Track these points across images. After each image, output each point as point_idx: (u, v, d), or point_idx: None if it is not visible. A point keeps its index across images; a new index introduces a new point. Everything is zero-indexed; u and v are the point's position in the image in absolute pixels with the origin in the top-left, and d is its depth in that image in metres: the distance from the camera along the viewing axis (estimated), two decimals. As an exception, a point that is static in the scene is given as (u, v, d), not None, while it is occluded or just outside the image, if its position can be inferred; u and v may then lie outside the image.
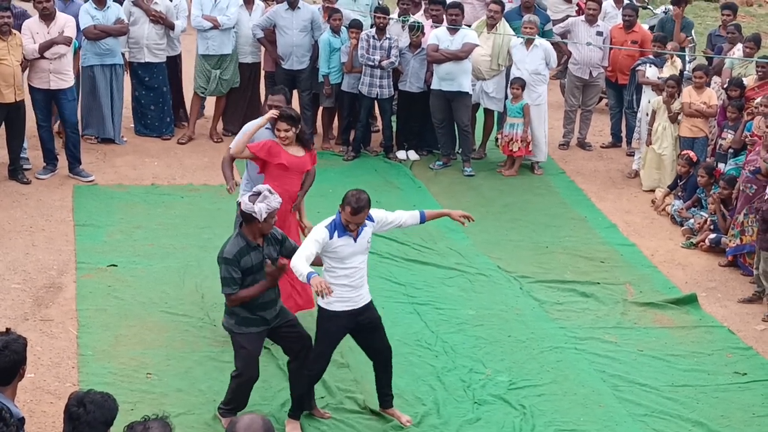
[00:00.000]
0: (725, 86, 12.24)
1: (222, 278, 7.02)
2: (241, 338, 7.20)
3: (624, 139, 14.00)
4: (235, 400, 7.34)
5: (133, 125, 13.41)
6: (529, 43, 12.70)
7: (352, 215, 6.97)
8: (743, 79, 12.13)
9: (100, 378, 7.76)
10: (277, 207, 7.06)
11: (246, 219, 7.02)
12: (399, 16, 13.12)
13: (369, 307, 7.34)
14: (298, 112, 12.56)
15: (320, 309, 7.21)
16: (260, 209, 6.92)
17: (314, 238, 6.99)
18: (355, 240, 7.08)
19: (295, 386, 7.42)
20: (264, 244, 7.09)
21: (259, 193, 7.03)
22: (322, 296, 6.81)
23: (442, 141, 13.06)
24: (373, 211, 7.26)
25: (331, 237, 6.99)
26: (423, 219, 7.55)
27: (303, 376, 7.33)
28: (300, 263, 6.85)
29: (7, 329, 5.46)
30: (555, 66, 13.41)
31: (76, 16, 12.06)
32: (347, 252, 7.07)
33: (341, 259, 7.07)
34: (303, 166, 8.53)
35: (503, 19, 12.96)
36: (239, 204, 8.42)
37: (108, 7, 12.54)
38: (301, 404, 7.44)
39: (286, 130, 8.33)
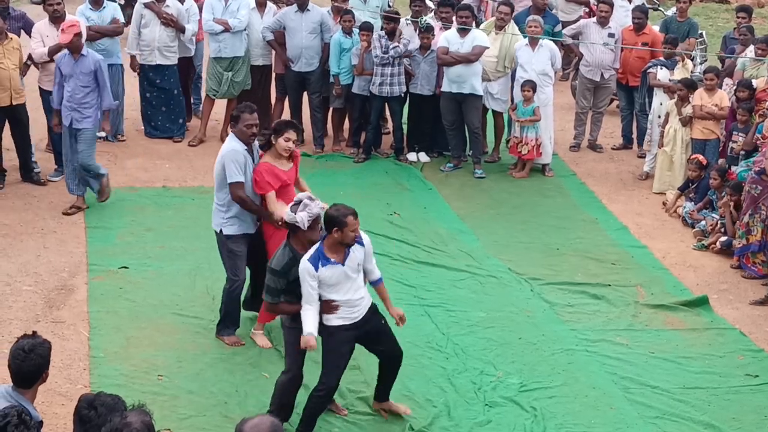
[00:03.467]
0: (734, 87, 12.21)
1: (266, 286, 7.11)
2: (289, 333, 7.21)
3: (635, 141, 13.98)
4: (277, 402, 7.28)
5: (143, 127, 13.46)
6: (534, 43, 12.68)
7: (356, 219, 6.89)
8: (754, 81, 12.09)
9: (112, 380, 7.79)
10: (318, 213, 7.03)
11: (291, 229, 7.09)
12: (414, 17, 13.12)
13: (372, 316, 7.27)
14: (303, 115, 12.55)
15: (323, 327, 7.12)
16: (302, 218, 6.97)
17: (307, 280, 6.90)
18: (343, 264, 6.99)
19: (307, 406, 7.29)
20: None
21: (299, 202, 7.05)
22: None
23: (452, 143, 13.05)
24: (365, 238, 7.19)
25: (316, 269, 6.90)
26: (377, 283, 7.40)
27: (315, 394, 7.23)
28: (309, 319, 6.90)
29: (33, 332, 5.50)
30: (560, 67, 13.35)
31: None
32: (336, 278, 6.96)
33: (332, 287, 6.98)
34: (294, 176, 8.39)
35: (513, 21, 12.95)
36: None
37: (104, 8, 12.62)
38: (312, 423, 7.30)
39: (294, 141, 8.14)
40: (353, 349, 7.35)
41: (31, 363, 5.23)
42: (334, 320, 7.08)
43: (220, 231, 8.33)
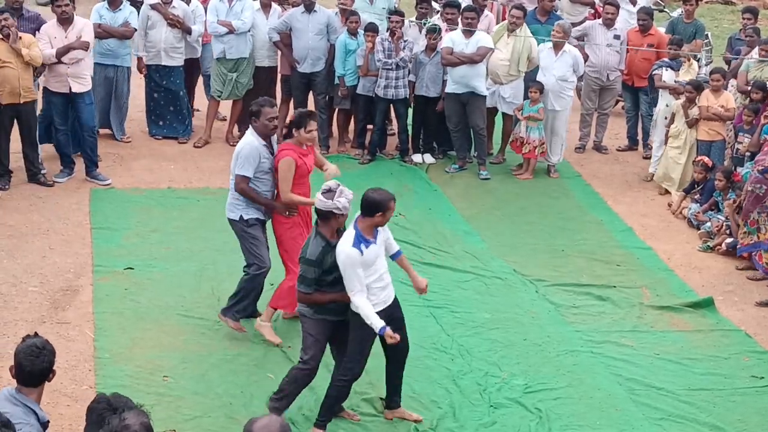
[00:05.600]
0: (748, 89, 12.16)
1: (301, 276, 7.13)
2: (312, 325, 7.21)
3: (640, 142, 13.98)
4: (285, 391, 7.28)
5: (147, 128, 13.48)
6: (558, 49, 12.67)
7: (394, 203, 7.08)
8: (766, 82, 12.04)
9: (117, 381, 7.79)
10: (351, 198, 7.14)
11: (323, 216, 7.10)
12: (419, 19, 13.12)
13: (397, 303, 7.35)
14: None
15: (354, 314, 7.09)
16: (343, 203, 7.03)
17: (353, 268, 6.91)
18: (375, 242, 7.09)
19: (329, 392, 7.30)
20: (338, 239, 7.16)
21: (330, 190, 7.09)
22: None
23: (457, 144, 13.05)
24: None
25: (362, 253, 6.94)
26: (397, 255, 7.49)
27: (338, 381, 7.26)
28: (372, 310, 6.94)
29: (35, 333, 5.52)
30: (582, 73, 13.27)
31: None
32: (374, 256, 7.05)
33: (369, 266, 7.04)
34: (313, 164, 8.56)
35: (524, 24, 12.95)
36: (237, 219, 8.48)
37: (120, 10, 12.64)
38: (332, 411, 7.34)
39: (316, 129, 8.49)
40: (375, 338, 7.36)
41: (45, 359, 5.28)
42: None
43: (240, 217, 8.43)
